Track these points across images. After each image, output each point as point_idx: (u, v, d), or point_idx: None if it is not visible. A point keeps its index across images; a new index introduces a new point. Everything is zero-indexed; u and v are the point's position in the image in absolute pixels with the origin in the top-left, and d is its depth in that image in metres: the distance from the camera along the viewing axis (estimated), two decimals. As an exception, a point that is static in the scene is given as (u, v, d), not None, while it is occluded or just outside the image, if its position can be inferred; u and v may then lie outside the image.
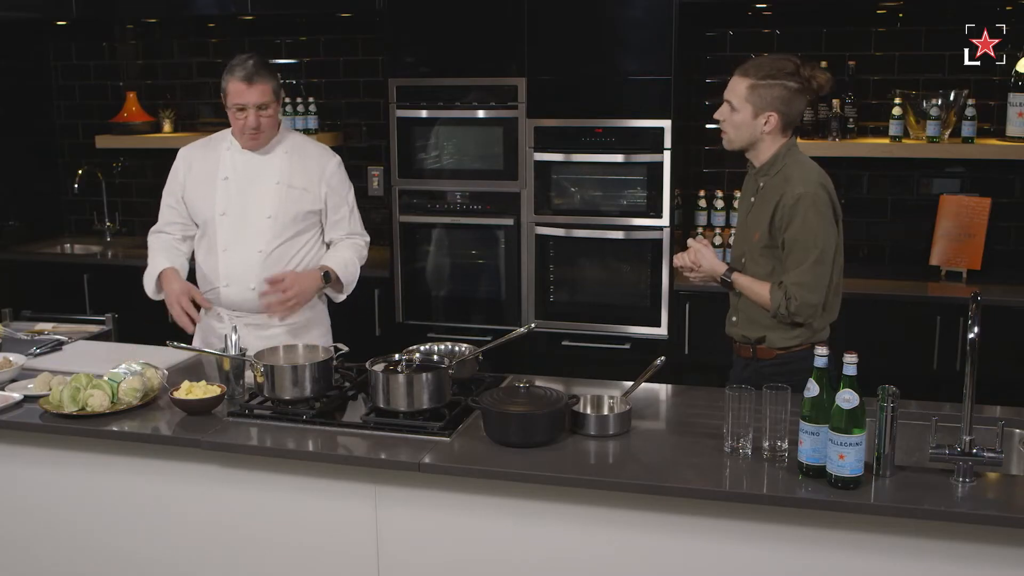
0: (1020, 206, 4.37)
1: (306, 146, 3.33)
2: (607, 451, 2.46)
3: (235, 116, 3.13)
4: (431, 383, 2.60)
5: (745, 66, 2.78)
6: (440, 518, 2.46)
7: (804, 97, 2.76)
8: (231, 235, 3.20)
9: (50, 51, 5.56)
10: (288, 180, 3.22)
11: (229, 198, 3.21)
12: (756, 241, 2.81)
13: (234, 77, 3.09)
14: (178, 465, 2.63)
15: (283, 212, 3.20)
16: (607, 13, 4.16)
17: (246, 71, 3.08)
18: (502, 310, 4.47)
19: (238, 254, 3.19)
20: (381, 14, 4.46)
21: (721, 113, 2.82)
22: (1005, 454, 2.31)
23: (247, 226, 3.20)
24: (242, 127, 3.14)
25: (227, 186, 3.21)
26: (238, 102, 3.10)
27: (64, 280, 4.99)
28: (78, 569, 2.81)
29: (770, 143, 2.79)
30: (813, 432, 2.20)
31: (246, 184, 3.21)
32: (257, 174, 3.22)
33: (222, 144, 3.28)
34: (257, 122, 3.12)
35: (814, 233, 2.68)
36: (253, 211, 3.19)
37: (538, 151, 4.31)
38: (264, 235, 3.19)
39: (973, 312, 2.25)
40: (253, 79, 3.08)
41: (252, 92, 3.08)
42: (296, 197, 3.22)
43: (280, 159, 3.24)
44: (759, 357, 2.85)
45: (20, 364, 3.04)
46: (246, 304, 3.21)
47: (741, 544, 2.27)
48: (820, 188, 2.71)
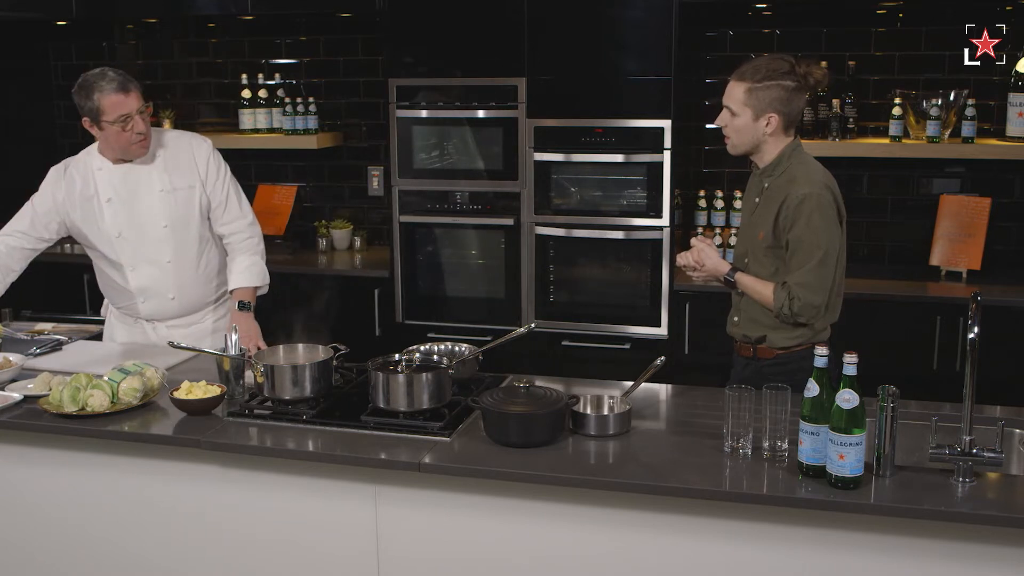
0: (1020, 206, 4.37)
1: (174, 140, 3.29)
2: (607, 451, 2.46)
3: (121, 129, 3.07)
4: (431, 383, 2.60)
5: (741, 70, 2.78)
6: (440, 518, 2.46)
7: (802, 95, 2.77)
8: (134, 253, 3.20)
9: (50, 51, 5.56)
10: (171, 185, 3.20)
11: (118, 219, 3.17)
12: (760, 241, 2.81)
13: (106, 91, 3.03)
14: (178, 465, 2.63)
15: (176, 218, 3.20)
16: (607, 13, 4.16)
17: (117, 81, 3.04)
18: (502, 310, 4.47)
19: (147, 270, 3.21)
20: (381, 14, 4.46)
21: (722, 119, 2.82)
22: (1005, 454, 2.31)
23: (147, 242, 3.19)
24: (130, 137, 3.09)
25: (112, 207, 3.18)
26: (122, 113, 3.05)
27: (64, 280, 4.99)
28: (78, 569, 2.81)
29: (774, 144, 2.79)
30: (813, 432, 2.20)
31: (132, 201, 3.18)
32: (138, 188, 3.18)
33: (91, 165, 3.21)
34: (144, 126, 3.10)
35: (818, 234, 2.69)
36: (148, 225, 3.18)
37: (538, 151, 4.31)
38: (166, 245, 3.20)
39: (973, 312, 2.25)
40: (127, 86, 3.05)
41: (131, 99, 3.06)
42: (184, 199, 3.21)
43: (156, 167, 3.20)
44: (760, 357, 2.85)
45: (20, 364, 3.04)
46: (167, 312, 3.27)
47: (741, 544, 2.27)
48: (824, 189, 2.71)
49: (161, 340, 2.78)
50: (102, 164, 3.17)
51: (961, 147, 4.19)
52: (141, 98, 3.09)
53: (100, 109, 3.03)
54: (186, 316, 3.29)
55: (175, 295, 3.22)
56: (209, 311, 3.38)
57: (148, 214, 3.18)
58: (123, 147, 3.11)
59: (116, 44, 5.46)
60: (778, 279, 2.77)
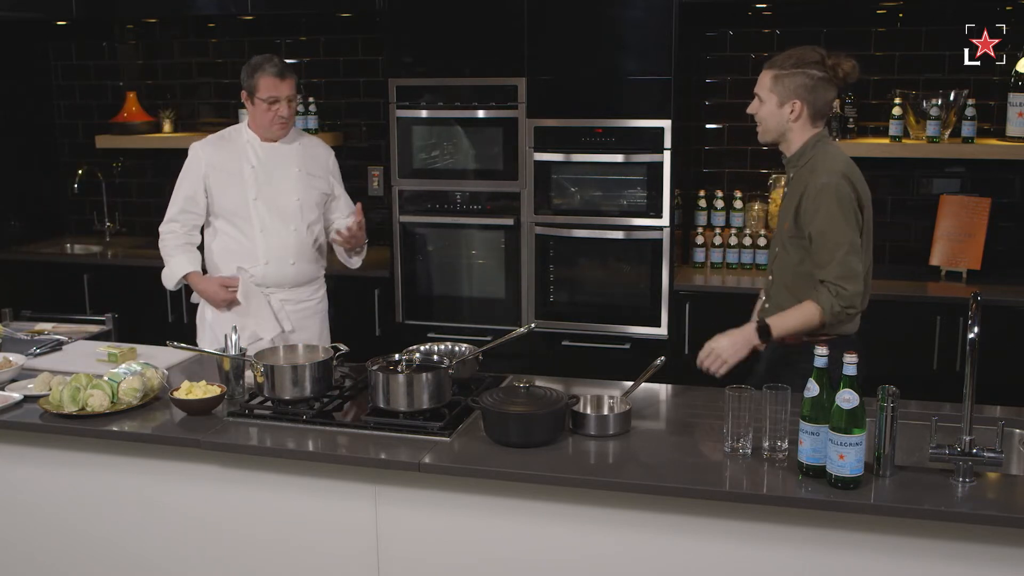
0: (1020, 206, 4.37)
1: (311, 139, 3.69)
2: (607, 451, 2.46)
3: (267, 109, 3.41)
4: (431, 383, 2.60)
5: (772, 59, 2.85)
6: (440, 518, 2.46)
7: (831, 86, 2.79)
8: (266, 218, 3.47)
9: (50, 51, 5.56)
10: (307, 168, 3.55)
11: (259, 185, 3.47)
12: (786, 231, 2.84)
13: (266, 73, 3.37)
14: (178, 465, 2.63)
15: (307, 196, 3.53)
16: (607, 13, 4.16)
17: (277, 67, 3.39)
18: (502, 310, 4.46)
19: (275, 234, 3.48)
20: (381, 14, 4.46)
21: (752, 107, 2.88)
22: (1005, 454, 2.31)
23: (279, 209, 3.49)
24: (273, 118, 3.43)
25: (255, 174, 3.48)
26: (273, 95, 3.39)
27: (64, 280, 4.99)
28: (78, 569, 2.81)
29: (799, 133, 2.82)
30: (813, 432, 2.20)
31: (273, 172, 3.49)
32: (279, 163, 3.51)
33: (241, 137, 3.53)
34: (289, 112, 3.44)
35: (839, 225, 2.69)
36: (282, 195, 3.48)
37: (538, 151, 4.31)
38: (295, 216, 3.50)
39: (973, 312, 2.25)
40: (284, 74, 3.39)
41: (284, 85, 3.39)
42: (314, 184, 3.56)
43: (296, 150, 3.54)
44: (787, 342, 2.82)
45: (20, 364, 3.04)
46: (285, 279, 3.51)
47: (741, 544, 2.27)
48: (843, 178, 2.72)
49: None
50: (251, 138, 3.51)
51: (961, 147, 4.19)
52: (294, 89, 3.44)
53: (256, 86, 3.39)
54: (298, 288, 3.55)
55: (295, 261, 3.50)
56: (317, 287, 3.65)
57: (284, 186, 3.50)
58: (266, 124, 3.45)
59: (116, 44, 5.47)
60: (802, 268, 2.77)
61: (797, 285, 2.82)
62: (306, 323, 3.58)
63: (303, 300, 3.58)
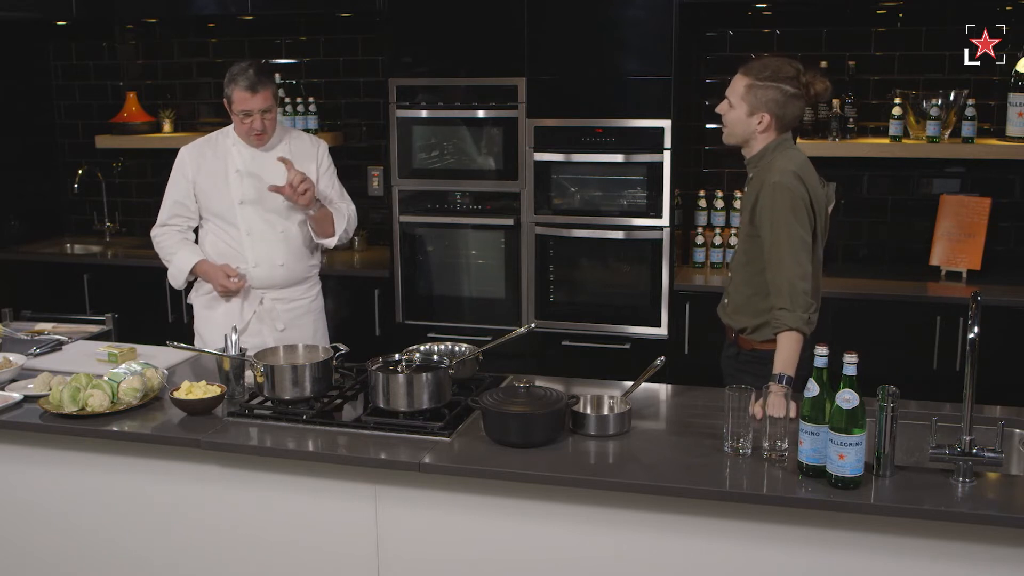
0: (1020, 206, 4.37)
1: (299, 137, 3.63)
2: (607, 451, 2.46)
3: (241, 121, 3.37)
4: (431, 383, 2.60)
5: (748, 65, 2.82)
6: (440, 518, 2.46)
7: (800, 102, 2.79)
8: (253, 221, 3.46)
9: (50, 51, 5.56)
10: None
11: (244, 188, 3.45)
12: (744, 228, 2.86)
13: (238, 87, 3.31)
14: (178, 465, 2.63)
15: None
16: (607, 13, 4.16)
17: (249, 80, 3.30)
18: (502, 310, 4.46)
19: (262, 237, 3.47)
20: (381, 14, 4.46)
21: (721, 108, 2.88)
22: (1005, 454, 2.31)
23: (266, 211, 3.47)
24: (247, 130, 3.39)
25: (240, 177, 3.46)
26: (244, 108, 3.34)
27: (64, 280, 4.99)
28: (78, 569, 2.81)
29: (763, 140, 2.83)
30: (813, 432, 2.20)
31: (258, 174, 3.45)
32: (265, 166, 3.46)
33: (227, 140, 3.51)
34: (262, 125, 3.38)
35: (788, 221, 2.68)
36: (269, 198, 3.43)
37: (538, 151, 4.31)
38: (283, 218, 3.48)
39: (973, 312, 2.25)
40: (256, 88, 3.31)
41: (256, 99, 3.32)
42: None
43: (282, 151, 3.48)
44: (740, 346, 2.90)
45: (20, 364, 3.04)
46: (274, 281, 3.50)
47: (741, 544, 2.27)
48: (794, 177, 2.71)
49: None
50: (236, 141, 3.49)
51: (961, 147, 4.18)
52: (271, 100, 3.36)
53: (230, 98, 3.36)
54: (289, 288, 3.54)
55: (284, 262, 3.49)
56: (309, 286, 3.63)
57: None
58: (242, 135, 3.45)
59: (116, 44, 5.46)
60: (757, 266, 2.77)
61: (754, 282, 2.83)
62: (299, 322, 3.57)
63: (295, 299, 3.57)
